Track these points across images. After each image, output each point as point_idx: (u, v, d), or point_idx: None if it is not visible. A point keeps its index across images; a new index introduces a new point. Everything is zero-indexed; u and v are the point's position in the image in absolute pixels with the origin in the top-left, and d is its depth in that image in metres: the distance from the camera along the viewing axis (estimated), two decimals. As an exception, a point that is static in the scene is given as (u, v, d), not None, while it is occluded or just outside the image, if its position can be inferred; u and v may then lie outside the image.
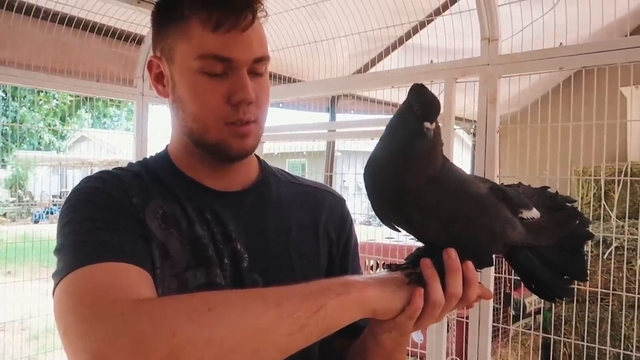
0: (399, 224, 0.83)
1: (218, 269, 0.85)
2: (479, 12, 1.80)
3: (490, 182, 0.87)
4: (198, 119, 0.86)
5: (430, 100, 0.75)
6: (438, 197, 0.77)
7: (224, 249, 0.87)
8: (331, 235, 1.01)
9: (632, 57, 1.55)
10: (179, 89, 0.87)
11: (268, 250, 0.92)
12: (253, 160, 1.01)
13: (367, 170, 0.82)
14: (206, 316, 0.62)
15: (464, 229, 0.77)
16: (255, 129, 0.88)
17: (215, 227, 0.88)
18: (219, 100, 0.84)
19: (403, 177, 0.76)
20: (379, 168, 0.80)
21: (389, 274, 0.79)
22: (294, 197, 1.01)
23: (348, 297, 0.71)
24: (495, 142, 1.80)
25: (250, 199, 0.95)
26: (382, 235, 3.09)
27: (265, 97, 0.90)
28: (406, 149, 0.76)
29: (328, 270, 0.99)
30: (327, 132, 2.75)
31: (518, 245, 0.82)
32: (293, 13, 2.28)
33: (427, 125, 0.73)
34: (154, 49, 0.93)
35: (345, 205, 1.09)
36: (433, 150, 0.77)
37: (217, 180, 0.93)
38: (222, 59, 0.83)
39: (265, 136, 2.76)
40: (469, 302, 0.79)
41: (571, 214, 0.87)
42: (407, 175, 0.76)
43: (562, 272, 0.84)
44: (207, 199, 0.90)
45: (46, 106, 14.34)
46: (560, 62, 1.68)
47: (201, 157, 0.91)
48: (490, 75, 1.83)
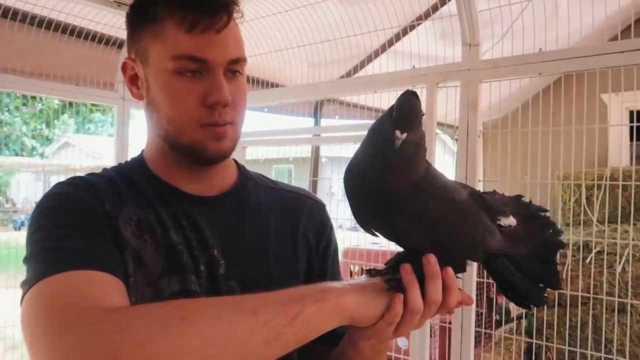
0: (379, 228, 0.82)
1: (193, 276, 0.84)
2: (460, 18, 1.81)
3: (469, 188, 0.87)
4: (173, 121, 0.85)
5: (408, 109, 0.74)
6: (423, 202, 0.76)
7: (199, 255, 0.86)
8: (310, 241, 1.00)
9: (610, 63, 1.57)
10: (154, 91, 0.86)
11: (245, 257, 0.90)
12: (231, 164, 0.99)
13: (347, 174, 0.81)
14: (179, 325, 0.61)
15: (446, 235, 0.77)
16: (231, 131, 0.87)
17: (190, 233, 0.87)
18: (194, 102, 0.83)
19: (386, 182, 0.75)
20: (359, 172, 0.79)
21: (368, 279, 0.78)
22: (273, 202, 1.00)
23: (326, 304, 0.70)
24: (476, 147, 1.80)
25: (227, 203, 0.94)
26: (367, 242, 3.08)
27: (242, 99, 0.89)
28: (382, 154, 0.75)
29: (307, 276, 0.97)
30: (312, 137, 2.74)
31: (496, 252, 0.81)
32: (275, 17, 2.28)
33: (397, 134, 0.72)
34: (129, 50, 0.91)
35: (325, 210, 1.07)
36: (415, 156, 0.76)
37: (193, 184, 0.91)
38: (196, 60, 0.82)
39: (249, 141, 2.75)
40: (449, 308, 0.78)
41: (545, 223, 0.88)
42: (390, 180, 0.75)
43: (536, 280, 0.85)
44: (183, 204, 0.89)
45: (27, 110, 14.14)
46: (539, 68, 1.69)
47: (177, 160, 0.89)
48: (471, 80, 1.84)
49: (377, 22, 2.14)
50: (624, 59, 1.54)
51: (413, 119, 0.73)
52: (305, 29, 2.32)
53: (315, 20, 2.27)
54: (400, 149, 0.72)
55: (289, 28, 2.34)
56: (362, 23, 2.14)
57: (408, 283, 0.74)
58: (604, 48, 1.59)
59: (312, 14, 2.19)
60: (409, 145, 0.73)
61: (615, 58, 1.55)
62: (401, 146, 0.72)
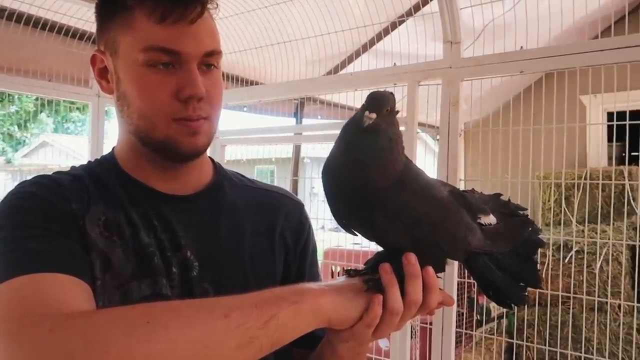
0: (358, 227, 0.80)
1: (165, 279, 0.81)
2: (442, 16, 1.79)
3: (449, 186, 0.86)
4: (144, 115, 0.82)
5: (377, 95, 0.74)
6: (403, 200, 0.74)
7: (172, 257, 0.83)
8: (288, 241, 0.97)
9: (592, 62, 1.57)
10: (124, 84, 0.83)
11: (220, 258, 0.87)
12: (206, 162, 0.96)
13: (324, 171, 0.79)
14: (145, 330, 0.58)
15: (427, 233, 0.75)
16: (206, 126, 0.84)
17: (162, 233, 0.84)
18: (166, 96, 0.80)
19: (363, 177, 0.73)
20: (335, 168, 0.77)
21: (347, 280, 0.76)
22: (250, 201, 0.97)
23: (302, 306, 0.68)
24: (458, 145, 1.79)
25: (202, 203, 0.91)
26: (348, 242, 3.06)
27: (217, 93, 0.86)
28: (355, 144, 0.74)
29: (284, 278, 0.95)
30: (293, 136, 2.71)
31: (477, 251, 0.80)
32: (255, 14, 2.24)
33: (366, 114, 0.71)
34: (98, 42, 0.88)
35: (303, 210, 1.05)
36: (390, 150, 0.74)
37: (166, 182, 0.88)
38: (169, 52, 0.79)
39: (228, 140, 2.70)
40: (430, 309, 0.77)
41: (524, 221, 0.87)
42: (367, 175, 0.73)
43: (517, 279, 0.84)
44: (154, 204, 0.86)
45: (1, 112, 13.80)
46: (521, 66, 1.69)
47: (149, 157, 0.86)
48: (452, 78, 1.83)
49: (358, 20, 2.11)
50: (605, 57, 1.54)
51: (382, 102, 0.73)
52: (286, 25, 2.29)
53: (296, 17, 2.23)
54: (373, 136, 0.71)
55: (269, 25, 2.30)
56: (342, 21, 2.11)
57: (387, 283, 0.72)
58: (586, 46, 1.59)
59: (293, 10, 2.16)
60: (382, 135, 0.73)
61: (597, 56, 1.56)
62: (373, 132, 0.71)
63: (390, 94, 0.76)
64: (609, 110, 3.86)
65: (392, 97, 0.75)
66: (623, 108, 1.83)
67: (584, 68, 1.66)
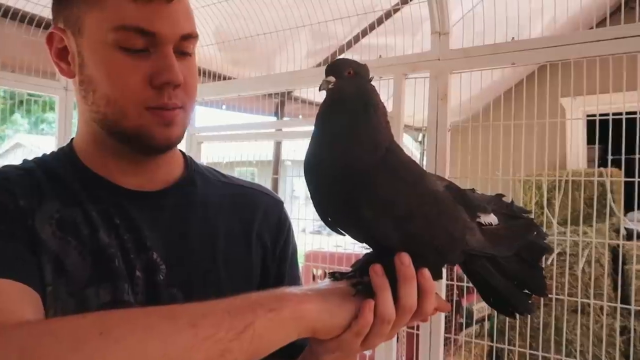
0: (345, 224, 0.72)
1: (127, 284, 0.74)
2: (429, 5, 1.72)
3: (446, 181, 0.79)
4: (113, 102, 0.75)
5: (337, 60, 0.70)
6: (395, 187, 0.66)
7: (135, 259, 0.76)
8: (265, 241, 0.91)
9: (587, 53, 1.51)
10: (89, 67, 0.76)
11: (190, 260, 0.81)
12: (177, 156, 0.90)
13: (304, 166, 0.71)
14: (96, 342, 0.53)
15: (421, 229, 0.68)
16: (181, 117, 0.78)
17: (126, 233, 0.77)
18: (139, 81, 0.74)
19: (344, 156, 0.66)
20: (313, 156, 0.70)
21: (332, 284, 0.70)
22: (224, 198, 0.90)
23: (281, 313, 0.62)
24: (446, 141, 1.72)
25: (171, 200, 0.84)
26: (329, 244, 2.98)
27: (193, 81, 0.80)
28: (327, 121, 0.68)
29: (262, 282, 0.89)
30: (274, 132, 2.61)
31: (476, 253, 0.74)
32: (233, 2, 2.13)
33: (324, 79, 0.66)
34: (56, 19, 0.80)
35: (282, 208, 0.98)
36: (368, 114, 0.68)
37: (132, 177, 0.82)
38: (143, 33, 0.73)
39: (205, 137, 2.58)
40: (425, 315, 0.71)
41: (528, 223, 0.81)
42: (348, 152, 0.66)
43: (520, 286, 0.78)
44: (117, 200, 0.79)
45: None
46: (512, 57, 1.62)
47: (114, 149, 0.80)
48: (441, 70, 1.76)
49: (342, 10, 2.03)
50: (600, 48, 1.48)
51: (341, 64, 0.68)
52: (266, 17, 2.18)
53: (277, 8, 2.13)
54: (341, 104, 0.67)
55: (249, 15, 2.19)
56: (326, 12, 2.02)
57: (378, 287, 0.66)
58: (580, 37, 1.53)
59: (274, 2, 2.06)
60: (352, 101, 0.68)
61: (592, 47, 1.50)
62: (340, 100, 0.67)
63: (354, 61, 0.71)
64: (590, 112, 3.88)
65: (355, 62, 0.69)
66: (603, 110, 1.82)
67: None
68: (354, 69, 0.68)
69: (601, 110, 1.84)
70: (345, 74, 0.67)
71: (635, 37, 1.40)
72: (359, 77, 0.69)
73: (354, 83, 0.68)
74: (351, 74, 0.68)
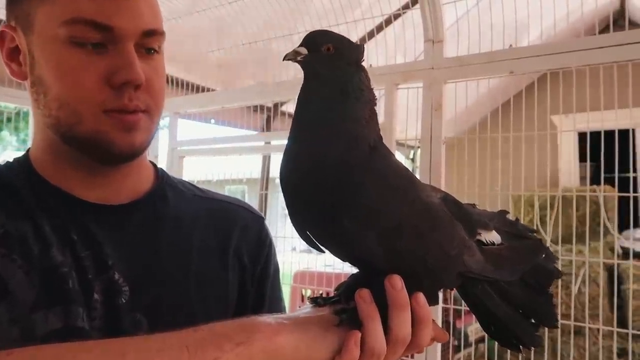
0: (324, 238, 0.63)
1: (81, 308, 0.67)
2: (422, 12, 1.64)
3: (442, 193, 0.70)
4: (66, 105, 0.69)
5: (319, 30, 0.62)
6: (380, 193, 0.57)
7: (94, 279, 0.69)
8: (244, 261, 0.84)
9: (588, 60, 1.43)
10: (40, 66, 0.70)
11: (158, 281, 0.74)
12: (146, 166, 0.84)
13: (280, 174, 0.62)
14: None
15: (410, 245, 0.60)
16: (145, 121, 0.73)
17: (84, 250, 0.70)
18: (95, 81, 0.68)
19: (318, 151, 0.57)
20: (287, 158, 0.62)
21: (314, 311, 0.63)
22: (199, 213, 0.84)
23: (251, 347, 0.55)
24: (441, 155, 1.62)
25: (138, 214, 0.78)
26: (318, 263, 2.86)
27: (159, 81, 0.75)
28: (298, 115, 0.60)
29: (239, 305, 0.82)
30: (262, 146, 2.50)
31: (475, 276, 0.65)
32: (217, 10, 2.04)
33: (296, 49, 0.58)
34: (8, 17, 0.75)
35: (263, 224, 0.91)
36: (344, 103, 0.58)
37: (93, 189, 0.75)
38: (99, 27, 0.67)
39: (188, 150, 2.47)
40: (420, 347, 0.63)
41: (536, 245, 0.72)
42: (322, 148, 0.57)
43: (526, 315, 0.69)
44: (76, 215, 0.72)
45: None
46: (510, 66, 1.54)
47: (72, 158, 0.73)
48: (435, 80, 1.67)
49: (331, 20, 1.95)
50: (603, 55, 1.41)
51: (319, 37, 0.59)
52: (251, 25, 2.10)
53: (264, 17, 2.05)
54: (312, 86, 0.59)
55: (234, 24, 2.11)
56: (314, 19, 1.94)
57: (366, 315, 0.58)
58: (582, 44, 1.45)
59: (259, 8, 1.98)
60: (325, 83, 0.58)
61: (594, 55, 1.42)
62: (313, 81, 0.58)
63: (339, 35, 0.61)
64: (581, 130, 3.88)
65: (340, 36, 0.60)
66: (595, 128, 1.78)
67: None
68: (335, 44, 0.58)
69: (593, 128, 1.80)
70: (322, 49, 0.58)
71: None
72: (339, 56, 0.58)
73: (330, 61, 0.58)
74: (330, 50, 0.58)
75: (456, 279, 0.64)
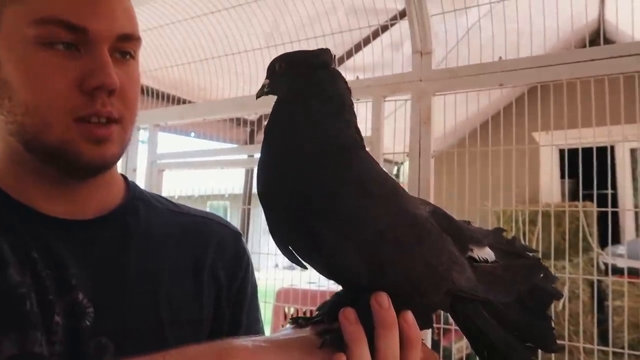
0: (303, 250, 0.59)
1: (40, 332, 0.62)
2: (410, 23, 1.62)
3: (431, 206, 0.66)
4: (33, 110, 0.65)
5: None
6: (356, 200, 0.54)
7: (55, 301, 0.64)
8: (220, 280, 0.80)
9: (579, 73, 1.42)
10: (5, 68, 0.66)
11: (126, 302, 0.70)
12: (116, 179, 0.80)
13: (257, 181, 0.59)
14: None
15: (392, 258, 0.55)
16: (118, 133, 0.69)
17: (44, 269, 0.65)
18: (66, 85, 0.64)
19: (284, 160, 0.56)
20: (261, 169, 0.60)
21: (295, 332, 0.58)
22: (172, 230, 0.80)
23: None
24: (429, 169, 1.59)
25: (106, 230, 0.73)
26: (302, 281, 2.79)
27: (133, 89, 0.71)
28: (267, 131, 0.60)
29: (214, 327, 0.78)
30: (246, 159, 2.44)
31: (466, 295, 0.61)
32: (200, 20, 2.00)
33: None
34: None
35: (241, 240, 0.88)
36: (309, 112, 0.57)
37: (58, 203, 0.70)
38: (72, 28, 0.64)
39: (168, 164, 2.39)
40: None
41: (533, 264, 0.68)
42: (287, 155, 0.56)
43: (523, 338, 0.65)
44: (38, 231, 0.68)
45: None
46: (500, 78, 1.52)
47: (36, 169, 0.69)
48: (423, 92, 1.64)
49: (317, 30, 1.91)
50: (594, 68, 1.39)
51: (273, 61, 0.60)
52: (235, 36, 2.05)
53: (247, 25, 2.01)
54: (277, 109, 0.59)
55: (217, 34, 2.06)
56: (300, 33, 1.91)
57: (351, 337, 0.53)
58: (573, 56, 1.43)
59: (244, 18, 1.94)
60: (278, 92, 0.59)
61: (585, 67, 1.40)
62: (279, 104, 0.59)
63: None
64: (561, 147, 3.93)
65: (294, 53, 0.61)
66: (574, 145, 1.78)
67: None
68: (284, 60, 0.59)
69: (574, 145, 1.81)
70: (276, 71, 0.60)
71: (631, 57, 1.31)
72: (291, 68, 0.59)
73: (284, 76, 0.59)
74: (282, 67, 0.59)
75: (445, 297, 0.60)
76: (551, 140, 1.76)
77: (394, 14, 1.86)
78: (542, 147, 3.62)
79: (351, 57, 2.04)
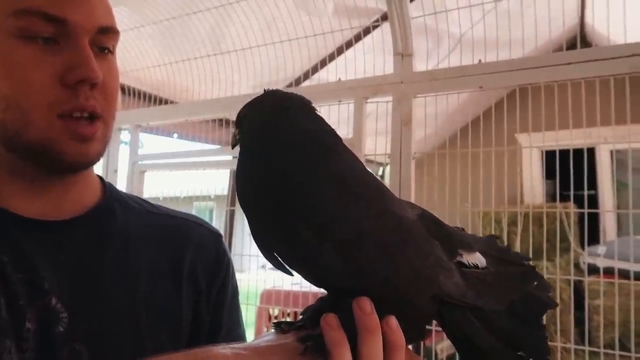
0: (285, 253, 0.57)
1: (9, 340, 0.59)
2: (392, 25, 1.62)
3: (419, 209, 0.64)
4: (14, 106, 0.63)
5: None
6: (334, 198, 0.52)
7: (26, 306, 0.62)
8: (199, 282, 0.78)
9: (557, 76, 1.43)
10: None
11: (101, 306, 0.68)
12: (92, 179, 0.77)
13: (235, 184, 0.59)
14: None
15: (375, 261, 0.53)
16: (102, 130, 0.68)
17: (15, 273, 0.63)
18: (47, 78, 0.63)
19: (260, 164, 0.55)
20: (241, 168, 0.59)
21: (277, 338, 0.56)
22: (150, 230, 0.78)
23: None
24: (410, 170, 1.59)
25: (81, 232, 0.71)
26: (286, 282, 2.77)
27: (113, 84, 0.70)
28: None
29: (194, 331, 0.76)
30: (231, 160, 2.42)
31: (453, 301, 0.59)
32: (182, 20, 1.98)
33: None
34: None
35: (221, 242, 0.86)
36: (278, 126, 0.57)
37: (32, 203, 0.68)
38: (52, 20, 0.63)
39: (150, 165, 2.37)
40: None
41: (526, 272, 0.66)
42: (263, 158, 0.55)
43: (514, 347, 0.62)
44: (8, 232, 0.65)
45: None
46: (479, 81, 1.53)
47: (12, 166, 0.67)
48: (404, 94, 1.64)
49: (299, 32, 1.91)
50: (572, 71, 1.41)
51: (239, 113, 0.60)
52: (218, 36, 2.04)
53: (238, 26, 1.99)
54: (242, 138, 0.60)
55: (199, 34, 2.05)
56: (282, 31, 1.90)
57: (333, 343, 0.52)
58: (551, 59, 1.45)
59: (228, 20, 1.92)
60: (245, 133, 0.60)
61: (563, 70, 1.42)
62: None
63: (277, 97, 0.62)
64: (543, 148, 3.98)
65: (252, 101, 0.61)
66: (554, 147, 1.81)
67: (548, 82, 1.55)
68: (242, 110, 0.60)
69: (551, 147, 1.82)
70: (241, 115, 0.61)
71: (609, 60, 1.33)
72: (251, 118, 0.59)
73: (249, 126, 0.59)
74: (245, 109, 0.61)
75: (432, 303, 0.58)
76: (531, 142, 1.76)
77: (377, 17, 1.86)
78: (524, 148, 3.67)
79: (333, 59, 2.04)
